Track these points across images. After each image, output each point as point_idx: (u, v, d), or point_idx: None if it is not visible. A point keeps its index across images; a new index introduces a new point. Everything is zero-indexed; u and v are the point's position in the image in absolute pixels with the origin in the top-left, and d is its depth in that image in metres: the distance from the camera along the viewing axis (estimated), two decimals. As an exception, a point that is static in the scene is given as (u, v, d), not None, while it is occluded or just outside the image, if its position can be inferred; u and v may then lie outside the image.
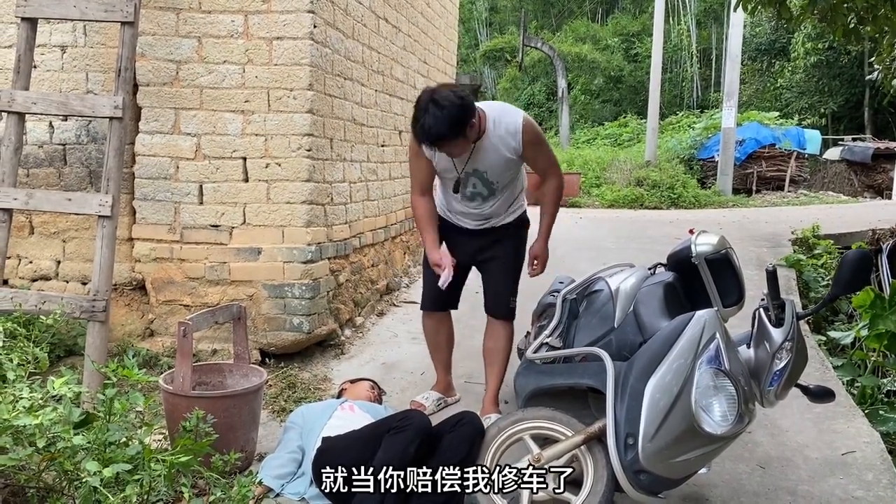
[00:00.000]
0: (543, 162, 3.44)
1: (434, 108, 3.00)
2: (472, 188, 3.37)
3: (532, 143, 3.28)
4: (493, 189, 3.37)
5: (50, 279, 4.24)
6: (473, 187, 3.37)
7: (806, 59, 22.99)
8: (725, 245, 3.06)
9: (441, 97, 3.02)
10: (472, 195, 3.41)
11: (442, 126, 3.00)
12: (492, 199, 3.41)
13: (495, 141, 3.23)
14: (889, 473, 3.12)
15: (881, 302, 4.57)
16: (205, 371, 3.35)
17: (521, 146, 3.25)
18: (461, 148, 3.16)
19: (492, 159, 3.26)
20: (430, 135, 3.04)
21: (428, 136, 3.05)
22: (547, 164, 3.45)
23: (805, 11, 5.47)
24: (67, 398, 2.33)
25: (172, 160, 4.09)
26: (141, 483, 2.18)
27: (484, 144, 3.23)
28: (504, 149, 3.24)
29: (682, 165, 16.50)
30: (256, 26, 4.01)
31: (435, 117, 3.00)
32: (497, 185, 3.36)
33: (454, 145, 3.11)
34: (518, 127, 3.24)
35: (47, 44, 4.10)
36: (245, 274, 4.11)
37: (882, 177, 17.53)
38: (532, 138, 3.28)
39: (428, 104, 3.02)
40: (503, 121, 3.25)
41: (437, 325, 3.74)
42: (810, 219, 9.16)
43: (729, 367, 2.39)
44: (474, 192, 3.39)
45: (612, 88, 28.96)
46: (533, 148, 3.30)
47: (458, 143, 3.10)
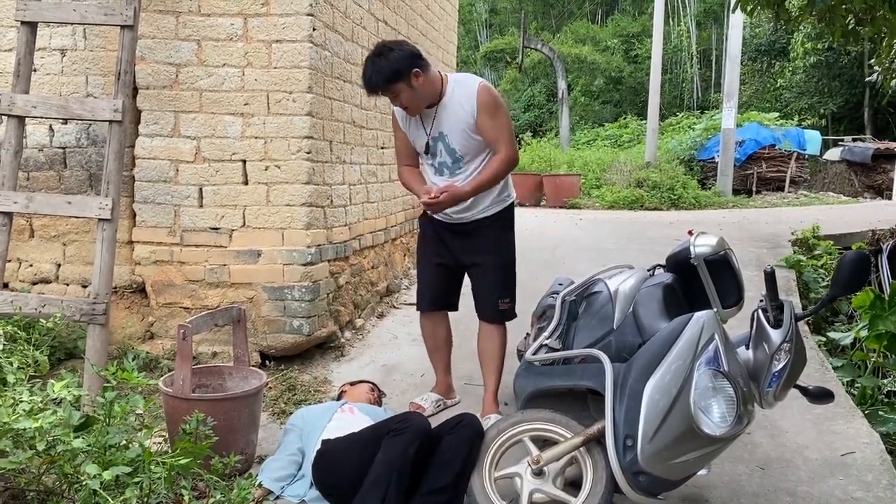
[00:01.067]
0: (494, 131, 3.32)
1: (376, 57, 3.21)
2: (440, 157, 3.43)
3: (485, 109, 3.30)
4: (457, 158, 3.40)
5: (50, 282, 4.25)
6: (440, 155, 3.42)
7: (805, 60, 23.00)
8: (724, 246, 3.07)
9: (383, 45, 3.27)
10: (440, 166, 3.45)
11: (384, 70, 3.18)
12: (459, 172, 3.42)
13: (454, 105, 3.33)
14: (889, 474, 3.12)
15: (881, 302, 4.57)
16: (205, 374, 3.35)
17: (476, 111, 3.29)
18: (411, 98, 3.27)
19: (451, 123, 3.34)
20: (372, 82, 3.22)
21: (370, 84, 3.24)
22: (497, 134, 3.33)
23: (804, 12, 5.48)
24: (67, 401, 2.34)
25: (172, 163, 4.10)
26: (141, 486, 2.19)
27: (445, 107, 3.34)
28: (462, 112, 3.31)
29: (683, 166, 16.48)
30: (256, 29, 4.01)
31: (374, 64, 3.20)
32: (460, 154, 3.39)
33: (401, 92, 3.23)
34: (474, 90, 3.32)
35: (47, 47, 4.11)
36: (245, 276, 4.12)
37: (882, 177, 17.52)
38: (486, 102, 3.30)
39: (370, 57, 3.24)
40: (462, 84, 3.37)
41: (435, 326, 3.74)
42: (810, 219, 9.16)
43: (728, 368, 2.39)
44: (441, 161, 3.43)
45: (612, 89, 28.96)
46: (486, 114, 3.30)
47: (404, 89, 3.22)
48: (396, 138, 3.61)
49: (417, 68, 3.22)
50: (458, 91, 3.34)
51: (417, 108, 3.34)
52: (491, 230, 3.52)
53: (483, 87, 3.34)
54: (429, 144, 3.42)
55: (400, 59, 3.20)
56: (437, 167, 3.47)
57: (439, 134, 3.38)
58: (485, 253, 3.53)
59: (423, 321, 3.78)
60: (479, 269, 3.56)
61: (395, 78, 3.19)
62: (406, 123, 3.48)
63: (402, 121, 3.48)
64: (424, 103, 3.33)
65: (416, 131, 3.45)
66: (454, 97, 3.33)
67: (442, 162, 3.44)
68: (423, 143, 3.45)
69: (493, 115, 3.32)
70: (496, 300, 3.55)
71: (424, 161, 3.56)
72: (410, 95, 3.26)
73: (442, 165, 3.45)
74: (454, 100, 3.33)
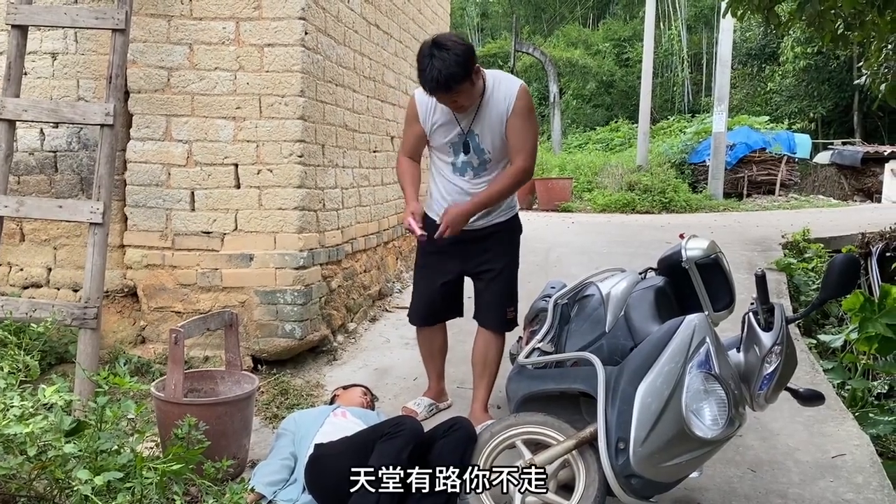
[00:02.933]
0: (520, 138, 3.20)
1: (440, 52, 2.94)
2: (467, 156, 3.28)
3: (519, 113, 3.18)
4: (485, 160, 3.28)
5: (41, 286, 4.23)
6: (468, 154, 3.27)
7: (795, 64, 23.12)
8: (715, 249, 3.09)
9: (443, 39, 2.98)
10: (462, 165, 3.32)
11: (452, 66, 2.92)
12: (483, 174, 3.31)
13: (493, 103, 3.18)
14: (879, 476, 3.14)
15: (871, 305, 4.60)
16: (197, 378, 3.34)
17: (511, 111, 3.17)
18: (468, 96, 3.08)
19: (486, 122, 3.19)
20: (442, 78, 2.93)
21: (439, 81, 2.95)
22: (522, 142, 3.21)
23: (793, 17, 5.51)
24: (58, 406, 2.33)
25: (164, 167, 4.09)
26: (132, 491, 2.17)
27: (486, 105, 3.18)
28: (498, 112, 3.18)
29: (674, 170, 16.52)
30: (248, 33, 4.01)
31: (443, 59, 2.92)
32: (488, 156, 3.27)
33: (464, 91, 3.04)
34: (514, 91, 3.19)
35: (38, 51, 4.10)
36: (237, 280, 4.11)
37: (871, 180, 17.61)
38: (523, 106, 3.18)
39: (432, 49, 2.96)
40: (502, 83, 3.22)
41: (432, 334, 3.69)
42: (801, 222, 9.20)
43: (719, 370, 2.41)
44: (466, 161, 3.30)
45: (604, 93, 29.05)
46: (518, 117, 3.18)
47: (467, 88, 3.04)
48: (409, 132, 3.42)
49: (477, 62, 3.05)
50: (498, 89, 3.19)
51: (470, 106, 3.16)
52: (504, 236, 3.44)
53: (524, 89, 3.21)
54: (458, 141, 3.25)
55: (466, 52, 2.98)
56: (460, 167, 3.32)
57: (470, 132, 3.23)
58: (496, 260, 3.43)
59: (417, 333, 3.74)
60: (488, 276, 3.45)
61: (465, 75, 2.98)
62: (432, 119, 3.26)
63: (428, 115, 3.26)
64: (475, 101, 3.16)
65: (446, 127, 3.25)
66: (494, 95, 3.18)
67: (466, 162, 3.30)
68: (452, 140, 3.27)
69: (524, 120, 3.20)
70: (504, 308, 3.47)
71: (443, 159, 3.38)
72: (470, 93, 3.09)
73: (465, 165, 3.31)
74: (494, 98, 3.19)
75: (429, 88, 3.03)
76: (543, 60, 24.52)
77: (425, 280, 3.56)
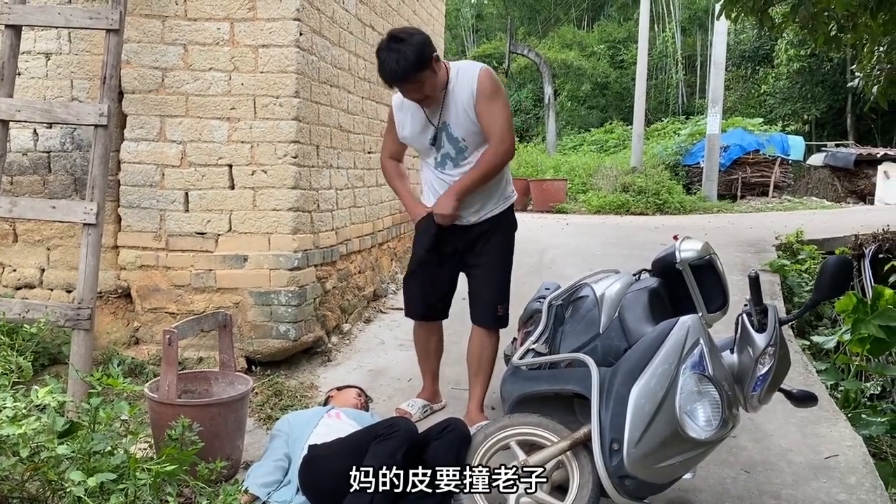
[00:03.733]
0: (489, 118, 3.17)
1: (396, 44, 3.01)
2: (444, 148, 3.30)
3: (483, 93, 3.16)
4: (461, 148, 3.28)
5: (34, 287, 4.21)
6: (444, 146, 3.30)
7: (789, 66, 23.22)
8: (709, 251, 3.09)
9: (399, 32, 3.07)
10: (442, 159, 3.34)
11: (409, 56, 2.97)
12: (463, 163, 3.31)
13: (458, 92, 3.22)
14: (871, 477, 3.15)
15: (863, 307, 4.62)
16: (190, 379, 3.33)
17: (475, 95, 3.18)
18: (431, 86, 3.12)
19: (454, 111, 3.22)
20: (400, 69, 2.99)
21: (397, 72, 3.01)
22: (491, 122, 3.18)
23: (787, 19, 5.53)
24: (51, 407, 2.32)
25: (158, 167, 4.08)
26: (126, 492, 2.17)
27: (450, 94, 3.22)
28: (463, 99, 3.20)
29: (668, 171, 16.58)
30: (242, 34, 4.01)
31: (398, 51, 2.98)
32: (464, 144, 3.27)
33: (426, 80, 3.08)
34: (475, 74, 3.21)
35: (32, 51, 4.08)
36: (231, 281, 4.10)
37: (865, 182, 17.69)
38: (486, 88, 3.17)
39: (389, 43, 3.04)
40: (464, 70, 3.26)
41: (429, 334, 3.68)
42: (794, 224, 9.23)
43: (713, 372, 2.41)
44: (444, 153, 3.31)
45: (599, 95, 29.11)
46: (485, 101, 3.17)
47: (429, 76, 3.08)
48: (391, 135, 3.52)
49: (434, 52, 3.09)
50: (461, 77, 3.22)
51: (436, 96, 3.18)
52: (497, 232, 3.45)
53: (484, 71, 3.22)
54: (436, 137, 3.28)
55: (422, 43, 3.03)
56: (440, 160, 3.34)
57: (443, 124, 3.25)
58: (488, 255, 3.45)
59: (416, 329, 3.72)
60: (480, 272, 3.48)
61: (423, 64, 3.02)
62: (406, 120, 3.33)
63: (403, 116, 3.33)
64: (440, 91, 3.19)
65: (419, 126, 3.31)
66: (458, 84, 3.22)
67: (445, 154, 3.31)
68: (428, 138, 3.30)
69: (490, 101, 3.18)
70: (495, 305, 3.48)
71: (426, 160, 3.43)
72: (433, 83, 3.12)
73: (445, 158, 3.32)
74: (458, 86, 3.21)
75: (389, 80, 3.09)
76: (538, 62, 24.56)
77: (419, 270, 3.55)
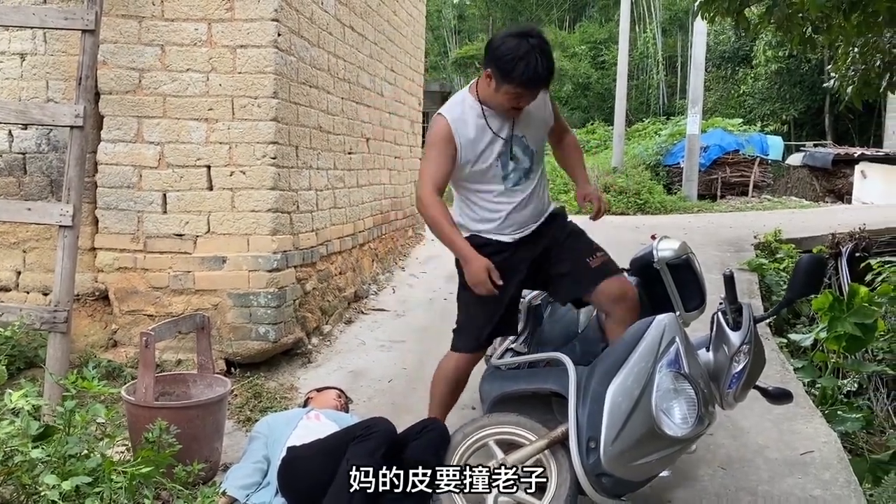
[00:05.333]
0: (561, 119, 3.12)
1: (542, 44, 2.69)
2: (518, 162, 2.91)
3: (552, 100, 3.06)
4: (533, 159, 2.95)
5: (10, 290, 4.17)
6: (518, 160, 2.91)
7: (768, 67, 23.43)
8: (686, 250, 3.13)
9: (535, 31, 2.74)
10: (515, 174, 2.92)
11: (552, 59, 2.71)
12: (532, 175, 2.95)
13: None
14: (846, 472, 3.19)
15: (839, 305, 4.67)
16: (168, 381, 3.32)
17: (549, 102, 3.01)
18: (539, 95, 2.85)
19: (531, 118, 2.92)
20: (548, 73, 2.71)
21: (544, 77, 2.71)
22: (564, 122, 3.16)
23: (763, 20, 5.58)
24: (25, 411, 2.30)
25: (135, 169, 4.05)
26: (101, 496, 2.16)
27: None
28: (537, 108, 2.92)
29: (649, 171, 16.67)
30: (220, 34, 3.99)
31: (545, 52, 2.68)
32: (536, 155, 2.96)
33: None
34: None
35: (6, 51, 4.04)
36: (210, 283, 4.08)
37: (842, 182, 17.87)
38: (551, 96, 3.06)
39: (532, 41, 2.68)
40: None
41: (469, 366, 3.05)
42: (773, 223, 9.31)
43: (688, 370, 2.44)
44: (520, 167, 2.92)
45: (580, 95, 29.23)
46: (553, 104, 3.06)
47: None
48: (444, 154, 2.83)
49: None
50: None
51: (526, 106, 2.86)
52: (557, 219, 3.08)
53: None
54: (508, 150, 2.87)
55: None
56: (513, 177, 2.91)
57: (514, 136, 2.88)
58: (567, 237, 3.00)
59: (461, 362, 3.03)
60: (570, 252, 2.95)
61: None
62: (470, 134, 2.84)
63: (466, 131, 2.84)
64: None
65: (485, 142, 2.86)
66: None
67: (520, 168, 2.91)
68: (499, 154, 2.87)
69: (556, 105, 3.08)
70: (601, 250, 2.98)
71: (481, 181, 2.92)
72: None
73: (519, 172, 2.91)
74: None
75: (530, 84, 2.71)
76: (520, 63, 24.55)
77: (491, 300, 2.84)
